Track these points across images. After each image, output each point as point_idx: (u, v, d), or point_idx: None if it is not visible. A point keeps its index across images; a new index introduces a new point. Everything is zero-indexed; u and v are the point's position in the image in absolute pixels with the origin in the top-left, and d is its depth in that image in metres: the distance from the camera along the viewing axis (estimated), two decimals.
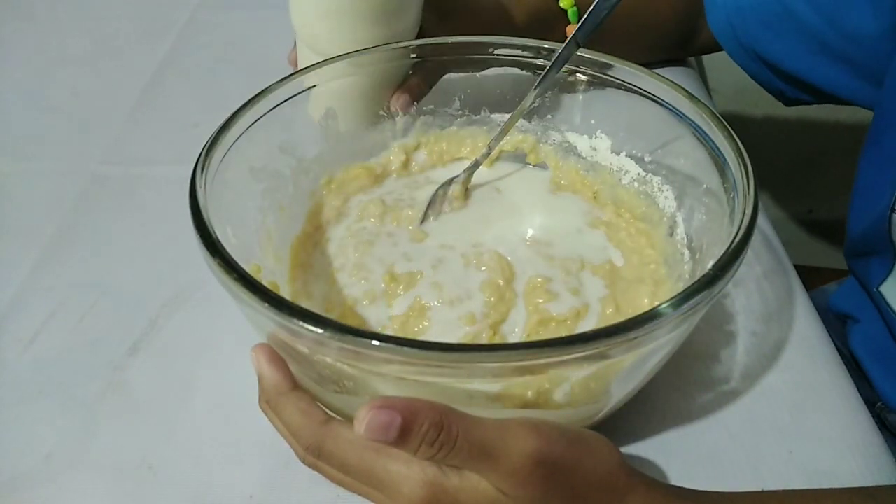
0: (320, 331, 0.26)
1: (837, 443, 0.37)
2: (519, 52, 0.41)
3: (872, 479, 0.35)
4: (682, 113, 0.37)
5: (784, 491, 0.30)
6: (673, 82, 0.38)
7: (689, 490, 0.30)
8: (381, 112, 0.43)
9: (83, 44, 0.71)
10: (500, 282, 0.38)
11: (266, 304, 0.26)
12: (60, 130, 0.59)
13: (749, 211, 0.31)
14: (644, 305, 0.37)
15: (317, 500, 0.34)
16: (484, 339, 0.35)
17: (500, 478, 0.26)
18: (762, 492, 0.30)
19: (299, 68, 0.40)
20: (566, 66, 0.39)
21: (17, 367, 0.40)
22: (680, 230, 0.39)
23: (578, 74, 0.40)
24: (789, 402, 0.39)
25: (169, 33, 0.71)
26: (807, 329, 0.42)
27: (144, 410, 0.38)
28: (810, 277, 0.48)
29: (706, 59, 0.76)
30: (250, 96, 0.37)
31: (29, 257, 0.47)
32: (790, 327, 0.42)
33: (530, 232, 0.41)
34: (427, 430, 0.25)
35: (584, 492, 0.27)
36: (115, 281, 0.45)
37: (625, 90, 0.39)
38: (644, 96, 0.39)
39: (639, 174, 0.41)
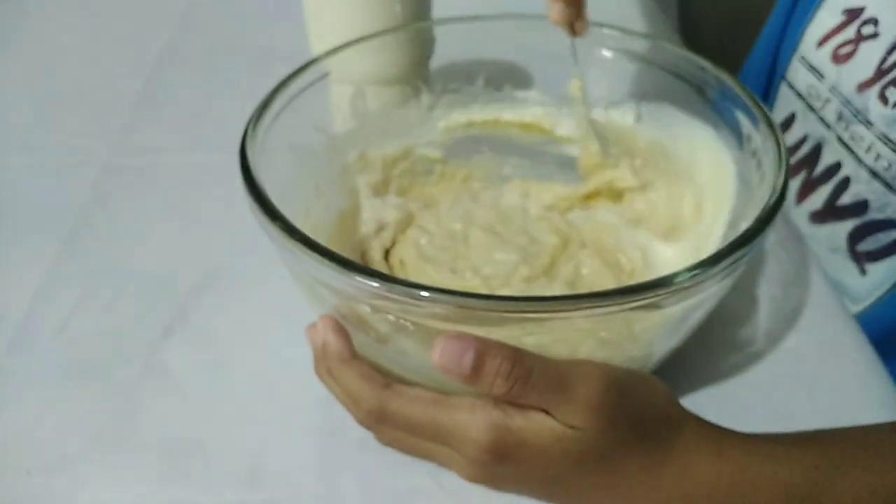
0: (377, 284, 0.26)
1: (858, 394, 0.38)
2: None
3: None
4: (703, 81, 0.39)
5: (827, 431, 0.31)
6: (694, 53, 0.40)
7: (733, 431, 0.31)
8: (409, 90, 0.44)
9: (79, 37, 0.70)
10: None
11: (331, 264, 0.27)
12: (67, 123, 0.58)
13: (783, 165, 0.32)
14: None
15: (368, 464, 0.34)
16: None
17: (573, 409, 0.27)
18: (804, 432, 0.31)
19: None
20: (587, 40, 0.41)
21: (53, 352, 0.40)
22: (709, 203, 0.40)
23: (602, 50, 0.42)
24: (812, 360, 0.40)
25: (166, 24, 0.71)
26: (821, 292, 0.44)
27: (186, 388, 0.38)
28: None
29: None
30: (256, 81, 0.37)
31: (51, 247, 0.46)
32: (807, 291, 0.44)
33: None
34: (501, 362, 0.25)
35: (646, 420, 0.28)
36: (139, 267, 0.45)
37: (646, 62, 0.41)
38: (663, 68, 0.41)
39: (664, 146, 0.42)
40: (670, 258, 0.41)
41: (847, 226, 0.46)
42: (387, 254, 0.42)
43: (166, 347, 0.40)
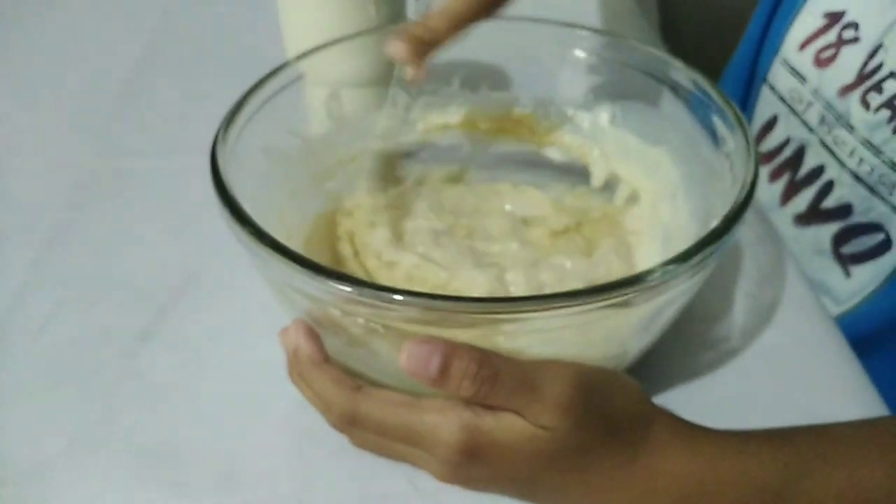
0: (348, 289, 0.26)
1: (834, 391, 0.39)
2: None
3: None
4: (678, 83, 0.39)
5: (800, 427, 0.32)
6: (667, 53, 0.40)
7: (705, 427, 0.31)
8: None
9: (57, 41, 0.69)
10: None
11: (301, 269, 0.27)
12: (45, 127, 0.58)
13: (752, 164, 0.32)
14: None
15: (343, 467, 0.34)
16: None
17: (542, 410, 0.27)
18: (777, 429, 0.31)
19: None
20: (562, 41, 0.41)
21: (29, 359, 0.40)
22: (680, 201, 0.41)
23: (577, 51, 0.42)
24: (787, 357, 0.40)
25: (144, 28, 0.70)
26: (798, 290, 0.44)
27: (162, 394, 0.38)
28: None
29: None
30: (236, 85, 0.37)
31: (28, 251, 0.46)
32: (783, 289, 0.44)
33: None
34: (468, 364, 0.25)
35: (617, 418, 0.29)
36: (117, 272, 0.45)
37: (621, 63, 0.41)
38: (638, 70, 0.41)
39: (639, 147, 0.42)
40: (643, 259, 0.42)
41: (831, 228, 0.47)
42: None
43: (143, 352, 0.40)
